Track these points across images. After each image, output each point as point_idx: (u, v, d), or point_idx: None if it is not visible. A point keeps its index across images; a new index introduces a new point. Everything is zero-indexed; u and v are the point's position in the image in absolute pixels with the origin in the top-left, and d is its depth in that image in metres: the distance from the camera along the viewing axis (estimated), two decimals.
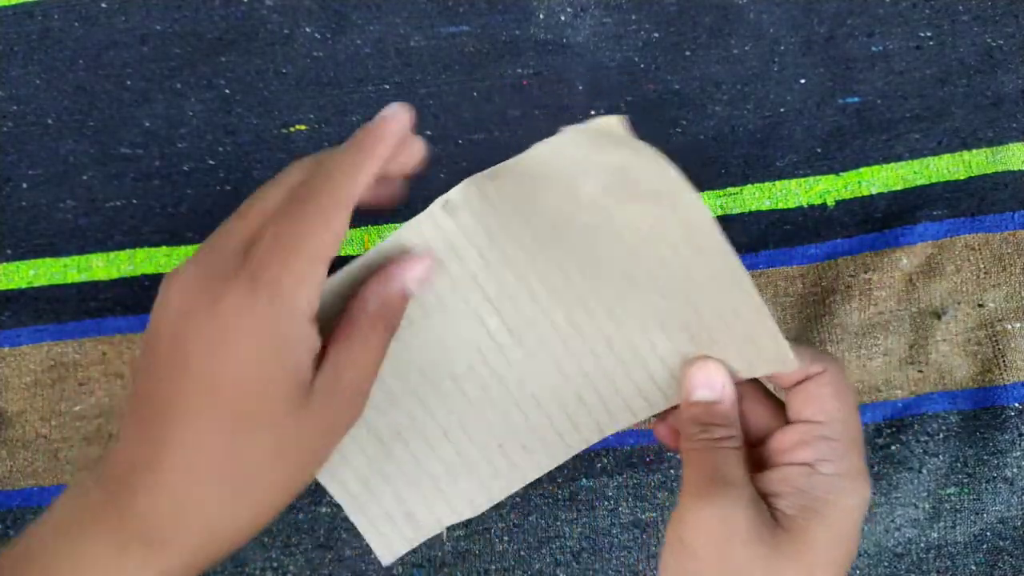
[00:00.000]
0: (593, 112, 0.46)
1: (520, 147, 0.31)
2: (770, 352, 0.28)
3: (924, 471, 0.42)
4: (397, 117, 0.30)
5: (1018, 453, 0.42)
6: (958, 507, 0.42)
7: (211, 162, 0.47)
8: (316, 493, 0.44)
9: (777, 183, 0.45)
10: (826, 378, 0.28)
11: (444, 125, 0.47)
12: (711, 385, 0.29)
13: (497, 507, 0.38)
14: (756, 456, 0.30)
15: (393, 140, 0.29)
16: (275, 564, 0.43)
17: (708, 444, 0.28)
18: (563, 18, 0.47)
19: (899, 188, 0.45)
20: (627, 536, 0.43)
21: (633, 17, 0.47)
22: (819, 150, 0.46)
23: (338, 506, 0.43)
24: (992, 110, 0.45)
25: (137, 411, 0.26)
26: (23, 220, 0.47)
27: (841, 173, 0.45)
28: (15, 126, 0.47)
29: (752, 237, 0.45)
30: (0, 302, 0.46)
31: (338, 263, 0.46)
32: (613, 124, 0.27)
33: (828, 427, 0.28)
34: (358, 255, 0.31)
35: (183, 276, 0.27)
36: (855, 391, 0.29)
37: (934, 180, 0.45)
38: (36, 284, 0.46)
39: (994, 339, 0.43)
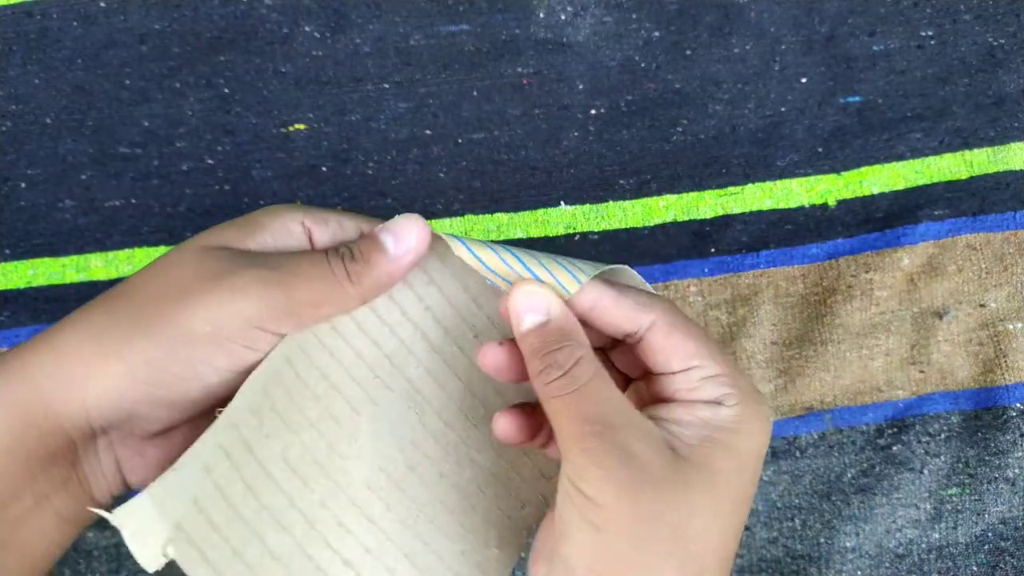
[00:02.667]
0: (594, 111, 0.46)
1: (520, 146, 0.30)
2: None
3: (925, 471, 0.42)
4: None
5: (1020, 453, 0.42)
6: (959, 508, 0.42)
7: (210, 161, 0.47)
8: None
9: (778, 182, 0.45)
10: (663, 326, 0.27)
11: (444, 124, 0.46)
12: (534, 308, 0.27)
13: None
14: (655, 393, 0.28)
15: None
16: None
17: (565, 384, 0.25)
18: (563, 17, 0.47)
19: (900, 188, 0.45)
20: None
21: (633, 16, 0.47)
22: (820, 149, 0.45)
23: None
24: (994, 109, 0.45)
25: None
26: (22, 220, 0.47)
27: (842, 172, 0.45)
28: (13, 126, 0.47)
29: (753, 237, 0.45)
30: None
31: None
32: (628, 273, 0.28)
33: (708, 368, 0.27)
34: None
35: None
36: (695, 323, 0.28)
37: (935, 180, 0.45)
38: (35, 284, 0.46)
39: (996, 339, 0.43)
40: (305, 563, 0.29)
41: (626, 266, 0.29)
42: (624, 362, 0.31)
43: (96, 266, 0.46)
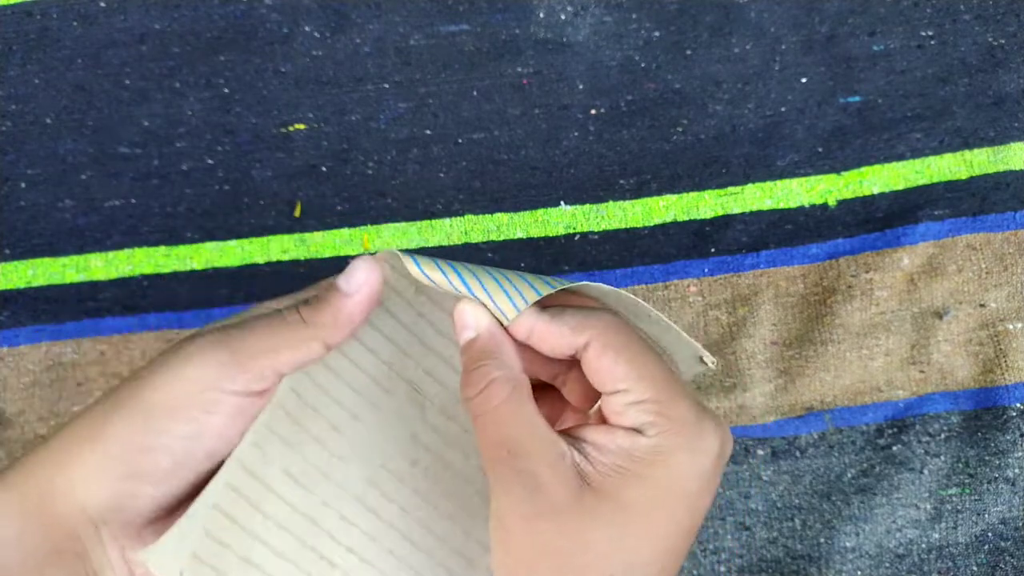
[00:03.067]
0: (594, 111, 0.46)
1: (520, 146, 0.30)
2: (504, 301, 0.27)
3: (925, 471, 0.42)
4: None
5: (1020, 453, 0.42)
6: (959, 508, 0.42)
7: (210, 161, 0.47)
8: None
9: (778, 182, 0.45)
10: (596, 348, 0.26)
11: (443, 124, 0.46)
12: (466, 324, 0.27)
13: None
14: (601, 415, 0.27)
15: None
16: None
17: (479, 403, 0.25)
18: (563, 17, 0.47)
19: (900, 187, 0.45)
20: None
21: (633, 16, 0.47)
22: (820, 149, 0.45)
23: None
24: (994, 109, 0.45)
25: None
26: (22, 220, 0.47)
27: (842, 172, 0.45)
28: (13, 126, 0.47)
29: (753, 237, 0.45)
30: None
31: (336, 264, 0.46)
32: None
33: (635, 392, 0.25)
34: (358, 255, 0.31)
35: None
36: (642, 341, 0.27)
37: (935, 179, 0.45)
38: (35, 284, 0.46)
39: (996, 339, 0.43)
40: (309, 554, 0.29)
41: (591, 283, 0.28)
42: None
43: (96, 266, 0.46)
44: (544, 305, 0.27)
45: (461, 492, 0.32)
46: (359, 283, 0.28)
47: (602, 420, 0.27)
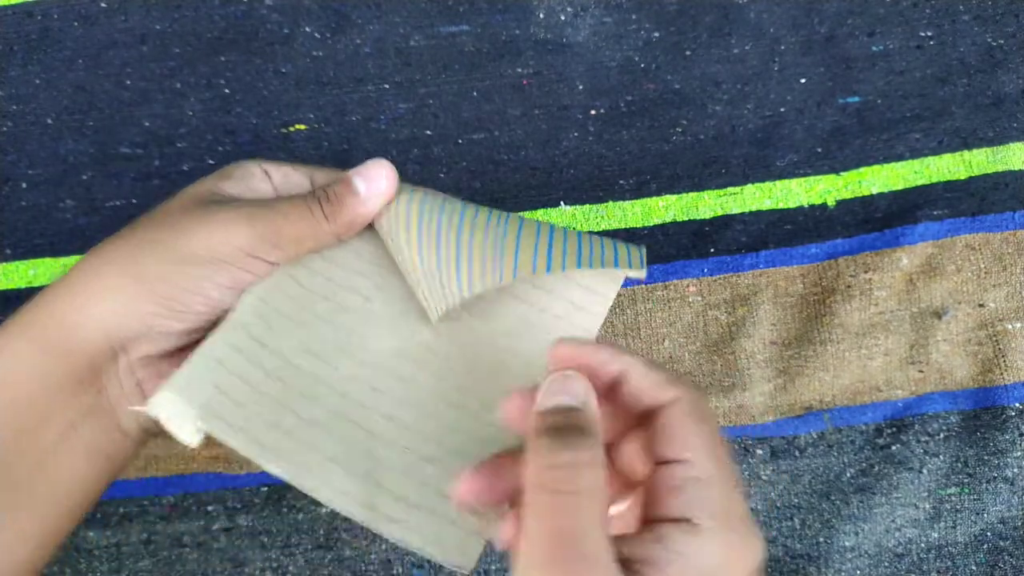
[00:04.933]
0: (594, 112, 0.46)
1: (520, 147, 0.31)
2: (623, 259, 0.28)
3: (924, 471, 0.42)
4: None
5: (1019, 453, 0.42)
6: (958, 507, 0.42)
7: (211, 162, 0.47)
8: None
9: (778, 183, 0.45)
10: (684, 407, 0.23)
11: (444, 124, 0.47)
12: (569, 391, 0.23)
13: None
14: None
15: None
16: (275, 564, 0.43)
17: (564, 479, 0.21)
18: (563, 17, 0.47)
19: (899, 188, 0.45)
20: None
21: (633, 16, 0.47)
22: (819, 150, 0.46)
23: None
24: (993, 110, 0.45)
25: None
26: (23, 220, 0.47)
27: (841, 173, 0.45)
28: (15, 126, 0.47)
29: (752, 237, 0.45)
30: None
31: None
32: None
33: (698, 466, 0.22)
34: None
35: None
36: (716, 422, 0.24)
37: (935, 180, 0.45)
38: (36, 284, 0.46)
39: (995, 339, 0.43)
40: (344, 423, 0.30)
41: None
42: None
43: None
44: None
45: (494, 358, 0.32)
46: (379, 191, 0.30)
47: (644, 510, 0.24)
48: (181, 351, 0.31)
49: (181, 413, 0.29)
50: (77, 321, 0.29)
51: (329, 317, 0.31)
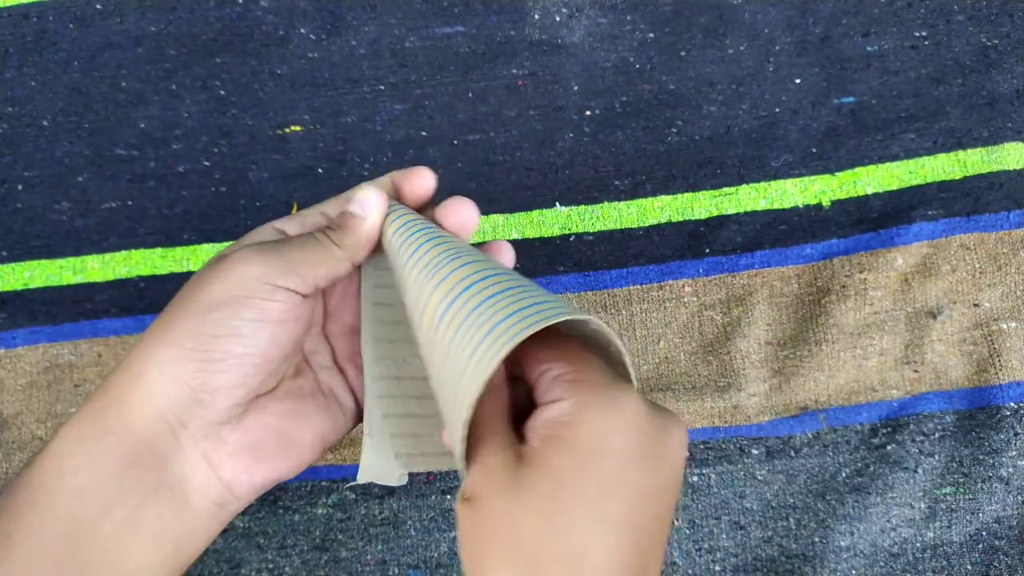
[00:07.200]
0: (589, 113, 0.46)
1: (515, 148, 0.31)
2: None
3: (920, 471, 0.42)
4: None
5: (1013, 452, 0.42)
6: (954, 507, 0.42)
7: (206, 163, 0.47)
8: (312, 495, 0.44)
9: (773, 183, 0.45)
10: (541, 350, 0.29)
11: (439, 126, 0.47)
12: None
13: None
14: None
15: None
16: (271, 565, 0.43)
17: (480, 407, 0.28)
18: (558, 19, 0.47)
19: (894, 188, 0.45)
20: None
21: (628, 17, 0.47)
22: (814, 150, 0.46)
23: (334, 507, 0.43)
24: (987, 109, 0.45)
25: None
26: (19, 222, 0.47)
27: (836, 173, 0.45)
28: (10, 128, 0.47)
29: (748, 237, 0.45)
30: None
31: None
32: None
33: (555, 368, 0.28)
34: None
35: None
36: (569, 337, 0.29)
37: (929, 180, 0.45)
38: (32, 286, 0.46)
39: (990, 339, 0.43)
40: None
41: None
42: None
43: (93, 268, 0.46)
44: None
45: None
46: (372, 207, 0.32)
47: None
48: (239, 419, 0.30)
49: (385, 474, 0.33)
50: (132, 405, 0.29)
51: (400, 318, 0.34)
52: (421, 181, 0.33)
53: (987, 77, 0.46)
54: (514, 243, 0.46)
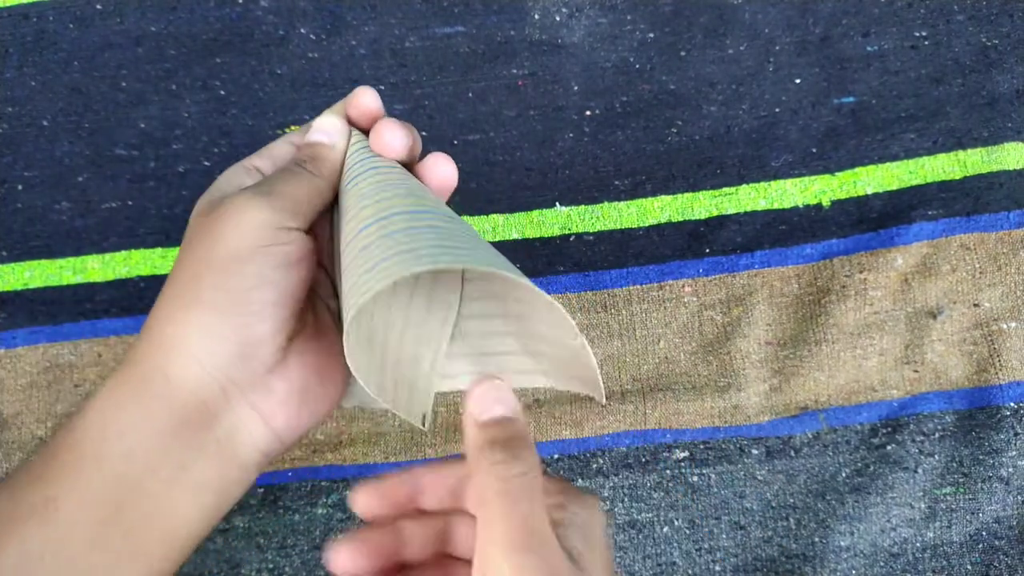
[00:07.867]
0: (589, 113, 0.46)
1: (515, 148, 0.31)
2: (590, 378, 0.28)
3: (920, 471, 0.42)
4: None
5: (1013, 452, 0.42)
6: (954, 507, 0.42)
7: (206, 163, 0.47)
8: (312, 495, 0.44)
9: (772, 183, 0.45)
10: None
11: (439, 126, 0.47)
12: (503, 401, 0.27)
13: None
14: None
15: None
16: (271, 565, 0.43)
17: (528, 481, 0.25)
18: (558, 19, 0.47)
19: (894, 188, 0.45)
20: (623, 536, 0.43)
21: (628, 17, 0.47)
22: (814, 150, 0.46)
23: (334, 507, 0.43)
24: (987, 109, 0.45)
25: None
26: (19, 222, 0.47)
27: (836, 173, 0.45)
28: (10, 128, 0.47)
29: (748, 237, 0.45)
30: None
31: None
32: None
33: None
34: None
35: None
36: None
37: (929, 180, 0.45)
38: (32, 286, 0.46)
39: (990, 339, 0.43)
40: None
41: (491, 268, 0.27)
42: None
43: (93, 268, 0.46)
44: None
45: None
46: (336, 133, 0.33)
47: None
48: (282, 363, 0.31)
49: (368, 400, 0.32)
50: (175, 370, 0.29)
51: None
52: (363, 99, 0.34)
53: (987, 77, 0.46)
54: (514, 243, 0.46)
